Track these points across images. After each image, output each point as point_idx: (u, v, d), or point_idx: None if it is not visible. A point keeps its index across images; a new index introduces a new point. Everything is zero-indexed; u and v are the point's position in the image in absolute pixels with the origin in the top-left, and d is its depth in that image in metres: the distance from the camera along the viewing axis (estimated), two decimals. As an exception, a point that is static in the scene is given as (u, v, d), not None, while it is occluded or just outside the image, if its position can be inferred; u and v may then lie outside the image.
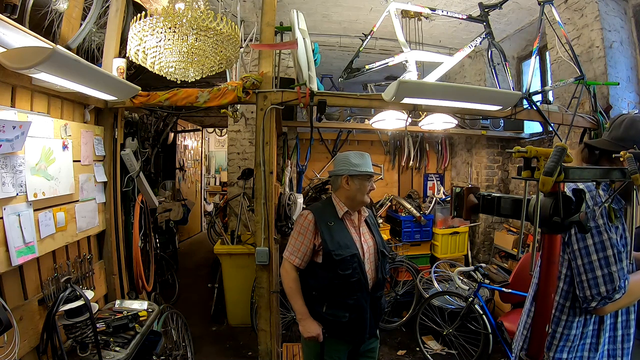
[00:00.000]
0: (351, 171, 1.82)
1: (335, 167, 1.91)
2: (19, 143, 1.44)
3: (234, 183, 4.15)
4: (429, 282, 3.88)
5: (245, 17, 3.56)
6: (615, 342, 1.21)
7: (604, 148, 1.26)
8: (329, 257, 1.73)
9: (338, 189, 1.88)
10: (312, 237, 1.78)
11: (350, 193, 1.83)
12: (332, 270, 1.72)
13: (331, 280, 1.72)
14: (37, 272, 1.64)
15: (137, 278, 2.53)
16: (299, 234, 1.81)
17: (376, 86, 4.15)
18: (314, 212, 1.82)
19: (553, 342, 1.25)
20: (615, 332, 1.21)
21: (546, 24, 2.94)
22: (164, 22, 1.55)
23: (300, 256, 1.79)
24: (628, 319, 1.23)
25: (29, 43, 1.48)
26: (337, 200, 1.87)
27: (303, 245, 1.79)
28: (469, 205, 1.56)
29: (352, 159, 1.84)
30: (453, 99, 2.35)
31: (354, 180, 1.82)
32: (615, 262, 1.11)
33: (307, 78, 2.13)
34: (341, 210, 1.84)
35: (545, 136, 3.79)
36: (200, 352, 3.14)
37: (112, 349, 1.67)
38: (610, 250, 1.11)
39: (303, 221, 1.81)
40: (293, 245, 1.81)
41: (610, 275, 1.10)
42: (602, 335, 1.20)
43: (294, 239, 1.82)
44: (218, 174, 9.77)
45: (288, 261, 1.81)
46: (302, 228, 1.80)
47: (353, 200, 1.84)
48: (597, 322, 1.20)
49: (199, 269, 5.29)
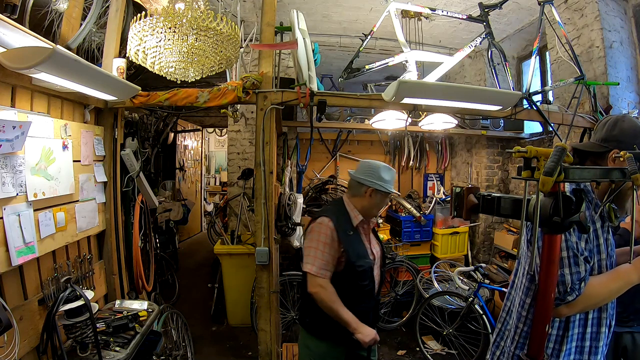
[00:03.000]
0: (379, 186, 1.76)
1: (360, 173, 1.82)
2: (19, 143, 1.44)
3: (234, 183, 4.15)
4: (429, 282, 3.88)
5: (245, 17, 3.56)
6: (583, 352, 1.19)
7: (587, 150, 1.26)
8: (351, 268, 1.69)
9: (356, 196, 1.81)
10: (338, 247, 1.70)
11: (369, 205, 1.79)
12: (352, 280, 1.70)
13: (347, 289, 1.70)
14: (37, 272, 1.64)
15: (137, 278, 2.53)
16: (325, 244, 1.68)
17: (376, 86, 4.14)
18: (334, 220, 1.72)
19: (515, 337, 1.25)
20: (583, 343, 1.19)
21: (546, 24, 2.94)
22: (164, 22, 1.56)
23: (330, 269, 1.67)
24: (598, 331, 1.20)
25: (29, 43, 1.48)
26: (352, 208, 1.81)
27: (330, 257, 1.68)
28: (469, 205, 1.56)
29: (382, 173, 1.78)
30: (453, 99, 2.35)
31: (377, 194, 1.78)
32: (569, 264, 1.09)
33: (307, 78, 2.13)
34: (356, 219, 1.79)
35: (545, 136, 3.79)
36: (200, 352, 3.14)
37: (112, 349, 1.67)
38: (565, 252, 1.10)
39: (326, 230, 1.69)
40: (321, 259, 1.67)
41: (562, 276, 1.09)
42: (565, 342, 1.17)
43: (320, 251, 1.67)
44: (218, 174, 9.77)
45: (320, 277, 1.65)
46: (326, 238, 1.68)
47: (368, 212, 1.81)
48: (561, 329, 1.18)
49: (199, 269, 5.29)
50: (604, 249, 1.18)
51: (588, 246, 1.14)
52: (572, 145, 1.31)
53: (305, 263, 1.70)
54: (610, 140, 1.20)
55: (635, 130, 1.19)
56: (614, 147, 1.17)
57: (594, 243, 1.16)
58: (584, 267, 1.10)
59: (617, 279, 1.15)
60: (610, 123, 1.24)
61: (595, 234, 1.16)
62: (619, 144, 1.16)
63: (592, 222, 1.16)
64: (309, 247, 1.71)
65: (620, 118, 1.24)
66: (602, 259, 1.18)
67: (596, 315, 1.20)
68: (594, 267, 1.16)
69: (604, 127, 1.25)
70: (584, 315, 1.19)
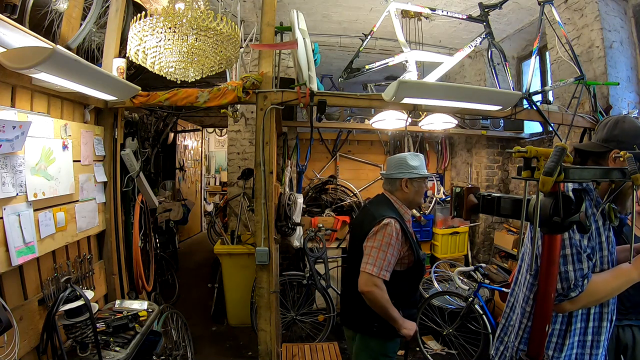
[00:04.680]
0: (411, 174, 1.81)
1: (390, 169, 1.88)
2: (19, 143, 1.44)
3: (234, 183, 4.15)
4: (429, 282, 3.88)
5: (245, 17, 3.56)
6: (585, 346, 1.21)
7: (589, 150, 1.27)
8: (418, 263, 1.76)
9: (395, 191, 1.86)
10: (401, 247, 1.73)
11: (409, 196, 1.84)
12: (418, 274, 1.79)
13: (411, 283, 1.78)
14: (37, 272, 1.64)
15: (137, 278, 2.53)
16: (390, 245, 1.68)
17: (376, 86, 4.14)
18: (399, 220, 1.75)
19: (519, 332, 1.26)
20: (585, 337, 1.21)
21: (546, 24, 2.94)
22: (164, 22, 1.56)
23: (390, 269, 1.69)
24: (600, 325, 1.22)
25: (29, 43, 1.47)
26: (400, 204, 1.85)
27: (393, 257, 1.70)
28: (469, 205, 1.56)
29: (409, 161, 1.83)
30: (453, 99, 2.35)
31: (413, 183, 1.83)
32: (572, 261, 1.11)
33: (307, 78, 2.13)
34: (407, 214, 1.85)
35: (545, 136, 3.79)
36: (200, 352, 3.14)
37: (112, 349, 1.67)
38: (569, 250, 1.12)
39: (392, 231, 1.70)
40: (383, 259, 1.67)
41: (566, 273, 1.11)
42: (568, 337, 1.19)
43: (383, 252, 1.68)
44: (218, 174, 9.77)
45: (379, 278, 1.65)
46: (392, 239, 1.69)
47: (411, 203, 1.86)
48: (564, 323, 1.20)
49: (199, 269, 5.29)
50: (606, 246, 1.19)
51: (591, 244, 1.15)
52: (574, 146, 1.33)
53: (365, 263, 1.68)
54: (611, 141, 1.21)
55: (636, 131, 1.20)
56: (615, 147, 1.18)
57: (596, 241, 1.17)
58: (587, 264, 1.12)
59: (618, 276, 1.17)
60: (611, 123, 1.25)
61: (598, 232, 1.18)
62: (620, 144, 1.18)
63: (594, 220, 1.17)
64: (371, 247, 1.70)
65: (621, 118, 1.25)
66: (603, 255, 1.19)
67: (598, 310, 1.22)
68: (596, 264, 1.18)
69: (605, 127, 1.26)
70: (586, 310, 1.20)
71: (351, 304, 1.87)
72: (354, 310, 1.84)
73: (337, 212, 4.08)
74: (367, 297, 1.68)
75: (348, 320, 1.94)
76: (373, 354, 1.83)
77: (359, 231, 1.85)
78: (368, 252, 1.70)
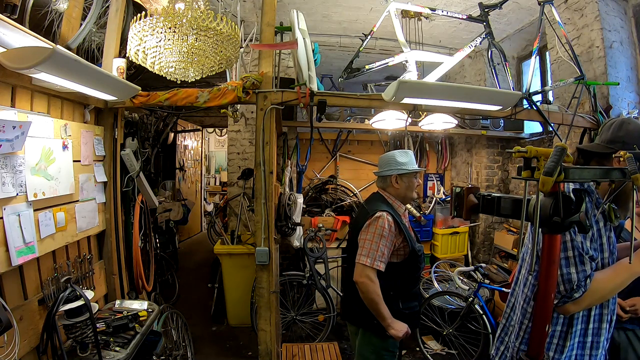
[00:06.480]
0: (400, 170, 1.87)
1: (381, 167, 1.95)
2: (19, 143, 1.44)
3: (234, 183, 4.15)
4: (429, 282, 3.88)
5: (245, 17, 3.56)
6: (585, 347, 1.21)
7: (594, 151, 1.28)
8: (413, 254, 1.81)
9: (388, 187, 1.93)
10: (394, 238, 1.77)
11: (400, 191, 1.91)
12: (414, 266, 1.82)
13: (409, 275, 1.82)
14: (37, 272, 1.64)
15: (137, 278, 2.53)
16: (382, 237, 1.73)
17: (376, 86, 4.14)
18: (391, 213, 1.80)
19: (520, 332, 1.27)
20: (586, 338, 1.21)
21: (546, 24, 2.94)
22: (164, 22, 1.56)
23: (384, 260, 1.74)
24: (600, 327, 1.22)
25: (29, 43, 1.48)
26: (393, 199, 1.91)
27: (387, 249, 1.74)
28: (469, 205, 1.56)
29: (398, 157, 1.91)
30: (453, 99, 2.35)
31: (403, 178, 1.89)
32: (575, 263, 1.12)
33: (307, 78, 2.13)
34: (400, 208, 1.91)
35: (545, 136, 3.79)
36: (200, 352, 3.14)
37: (112, 349, 1.67)
38: (571, 252, 1.12)
39: (385, 224, 1.75)
40: (376, 250, 1.72)
41: (569, 275, 1.11)
42: (569, 339, 1.19)
43: (376, 243, 1.73)
44: (218, 174, 9.77)
45: (372, 268, 1.71)
46: (384, 231, 1.74)
47: (404, 198, 1.93)
48: (565, 325, 1.21)
49: (199, 269, 5.29)
50: (607, 247, 1.20)
51: (593, 245, 1.15)
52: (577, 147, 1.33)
53: (359, 255, 1.75)
54: (616, 142, 1.22)
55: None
56: (620, 149, 1.18)
57: (597, 242, 1.18)
58: (589, 265, 1.12)
59: (621, 272, 1.17)
60: (616, 125, 1.26)
61: (599, 233, 1.18)
62: (624, 146, 1.18)
63: (594, 221, 1.17)
64: (364, 240, 1.77)
65: (626, 120, 1.26)
66: (605, 257, 1.20)
67: (598, 312, 1.22)
68: (598, 265, 1.18)
69: (610, 128, 1.27)
70: (586, 312, 1.21)
71: (353, 300, 1.89)
72: (355, 306, 1.86)
73: (337, 212, 4.08)
74: (359, 288, 1.74)
75: (350, 315, 1.98)
76: (375, 349, 1.85)
77: (355, 228, 1.92)
78: (362, 244, 1.77)
